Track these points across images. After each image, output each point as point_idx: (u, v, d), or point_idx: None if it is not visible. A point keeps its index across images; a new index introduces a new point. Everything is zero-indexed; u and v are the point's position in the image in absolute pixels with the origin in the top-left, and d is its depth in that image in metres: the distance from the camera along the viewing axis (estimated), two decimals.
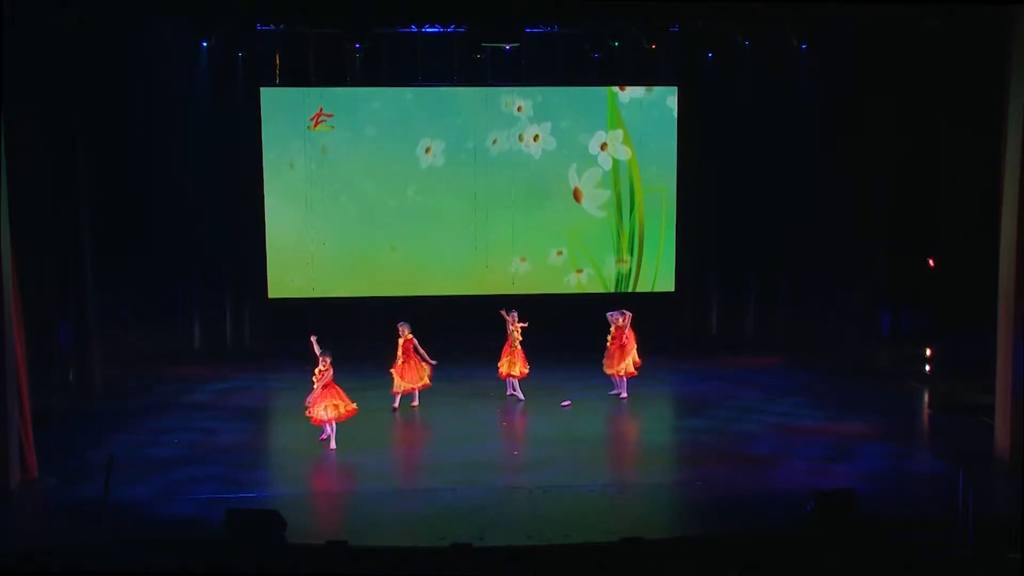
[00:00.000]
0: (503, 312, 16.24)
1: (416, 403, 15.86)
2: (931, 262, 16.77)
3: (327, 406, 13.90)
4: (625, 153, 19.52)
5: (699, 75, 19.18)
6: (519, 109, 19.20)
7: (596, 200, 19.57)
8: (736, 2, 16.26)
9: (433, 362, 15.69)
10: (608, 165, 19.49)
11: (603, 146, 19.45)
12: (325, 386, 13.92)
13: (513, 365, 16.11)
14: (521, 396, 16.16)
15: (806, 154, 18.90)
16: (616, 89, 19.33)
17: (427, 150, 19.09)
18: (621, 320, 16.21)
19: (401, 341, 15.61)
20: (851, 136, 18.19)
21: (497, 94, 19.14)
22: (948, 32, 15.01)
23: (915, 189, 17.02)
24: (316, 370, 14.00)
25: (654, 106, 19.39)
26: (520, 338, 16.13)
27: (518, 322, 16.15)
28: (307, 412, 14.03)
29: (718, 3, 16.39)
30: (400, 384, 15.63)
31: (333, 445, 13.96)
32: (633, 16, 17.18)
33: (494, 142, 19.19)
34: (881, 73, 17.36)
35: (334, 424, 13.99)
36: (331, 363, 13.98)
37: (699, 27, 18.13)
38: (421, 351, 15.64)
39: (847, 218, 18.47)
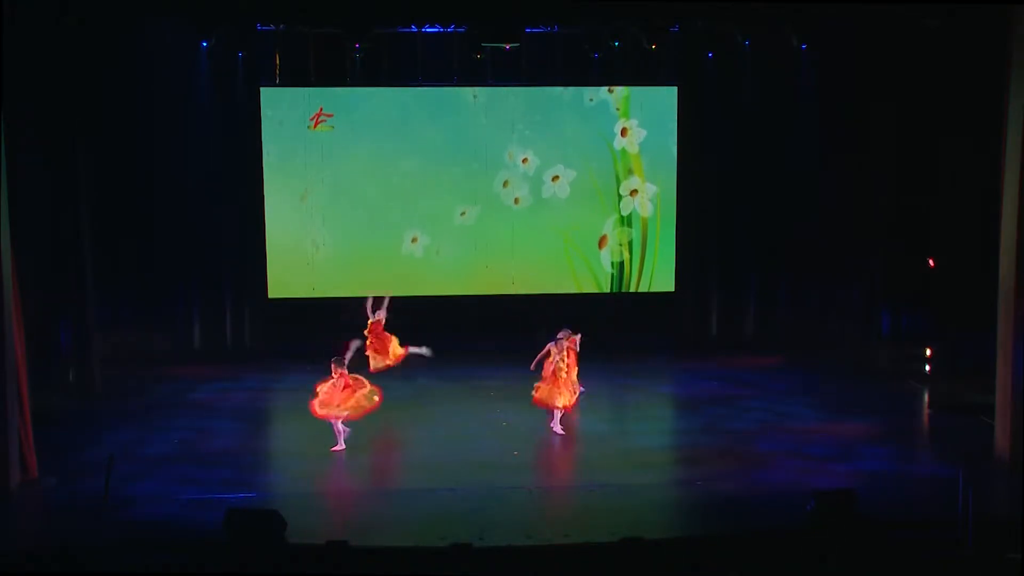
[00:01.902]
0: (568, 335, 14.51)
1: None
2: (931, 262, 16.77)
3: (339, 405, 13.83)
4: (647, 210, 19.56)
5: (699, 75, 19.17)
6: (524, 161, 19.20)
7: (615, 255, 19.60)
8: (736, 2, 16.27)
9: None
10: (627, 210, 19.52)
11: (633, 192, 19.47)
12: (344, 387, 13.84)
13: (557, 395, 14.37)
14: (560, 431, 14.48)
15: (806, 154, 18.90)
16: (617, 134, 19.35)
17: (413, 239, 19.14)
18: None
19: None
20: (851, 136, 18.20)
21: (502, 145, 19.09)
22: (948, 32, 15.01)
23: (915, 189, 17.02)
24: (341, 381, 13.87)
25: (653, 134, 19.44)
26: (565, 367, 14.29)
27: (566, 342, 14.34)
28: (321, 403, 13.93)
29: (718, 3, 16.39)
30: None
31: (342, 446, 13.82)
32: (633, 16, 17.18)
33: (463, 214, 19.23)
34: (881, 73, 17.37)
35: (342, 424, 13.90)
36: (337, 367, 13.86)
37: (699, 27, 18.12)
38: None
39: (847, 218, 18.48)
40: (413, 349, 15.93)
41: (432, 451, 14.10)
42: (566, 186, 19.28)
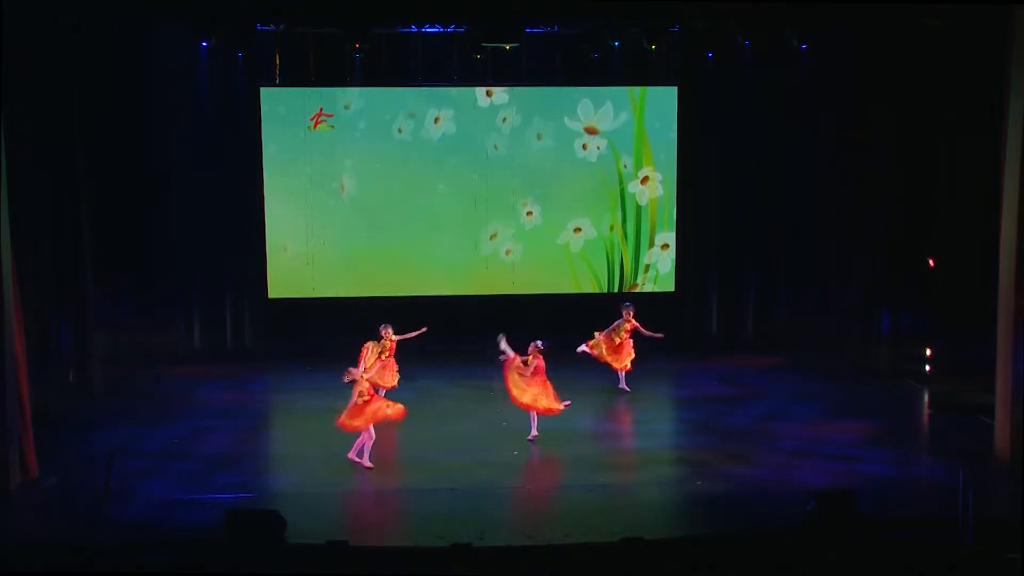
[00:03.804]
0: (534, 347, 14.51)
1: None
2: (931, 262, 16.78)
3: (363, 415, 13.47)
4: (665, 267, 19.65)
5: (699, 75, 19.17)
6: (529, 214, 19.27)
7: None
8: (736, 2, 16.25)
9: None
10: (650, 260, 19.62)
11: (664, 246, 19.56)
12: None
13: (540, 398, 14.39)
14: (534, 432, 14.40)
15: (806, 154, 18.92)
16: (628, 183, 19.43)
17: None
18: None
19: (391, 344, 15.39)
20: (851, 136, 18.20)
21: (511, 197, 19.23)
22: (949, 33, 15.01)
23: (915, 189, 17.02)
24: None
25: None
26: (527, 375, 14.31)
27: (536, 353, 14.38)
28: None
29: (718, 3, 16.38)
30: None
31: (354, 456, 13.41)
32: (633, 16, 17.17)
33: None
34: (881, 74, 17.37)
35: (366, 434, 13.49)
36: (351, 370, 13.50)
37: (699, 27, 18.11)
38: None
39: (847, 218, 18.48)
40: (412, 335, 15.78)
41: (432, 451, 14.10)
42: (580, 240, 19.41)
